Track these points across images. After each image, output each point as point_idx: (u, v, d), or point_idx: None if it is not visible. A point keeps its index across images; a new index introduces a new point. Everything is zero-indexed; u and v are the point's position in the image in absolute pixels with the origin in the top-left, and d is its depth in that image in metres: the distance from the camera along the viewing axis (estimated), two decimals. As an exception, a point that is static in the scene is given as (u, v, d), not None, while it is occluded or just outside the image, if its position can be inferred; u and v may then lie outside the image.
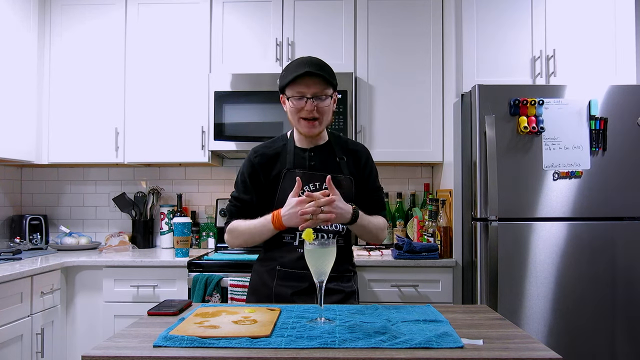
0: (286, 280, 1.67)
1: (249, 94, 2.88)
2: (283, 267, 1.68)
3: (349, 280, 1.75)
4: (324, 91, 1.60)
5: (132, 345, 1.13)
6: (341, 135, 1.85)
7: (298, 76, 1.56)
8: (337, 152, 1.72)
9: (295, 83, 1.59)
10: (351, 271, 1.78)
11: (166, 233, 3.11)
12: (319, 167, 1.69)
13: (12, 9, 2.76)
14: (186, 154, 2.96)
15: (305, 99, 1.59)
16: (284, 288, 1.67)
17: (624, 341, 2.39)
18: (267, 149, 1.73)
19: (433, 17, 2.95)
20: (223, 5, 2.99)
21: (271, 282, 1.69)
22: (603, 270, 2.40)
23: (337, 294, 1.68)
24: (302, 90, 1.59)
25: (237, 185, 1.75)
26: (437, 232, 2.71)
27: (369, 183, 1.76)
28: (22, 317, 2.30)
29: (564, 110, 2.43)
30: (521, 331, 1.26)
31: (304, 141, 1.72)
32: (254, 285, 1.78)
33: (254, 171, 1.70)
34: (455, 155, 2.65)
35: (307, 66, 1.58)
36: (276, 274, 1.68)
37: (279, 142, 1.75)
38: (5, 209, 3.21)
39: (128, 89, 2.99)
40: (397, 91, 2.95)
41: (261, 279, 1.73)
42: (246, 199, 1.72)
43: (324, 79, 1.59)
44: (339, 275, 1.70)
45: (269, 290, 1.68)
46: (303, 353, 1.07)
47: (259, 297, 1.71)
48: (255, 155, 1.72)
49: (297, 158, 1.69)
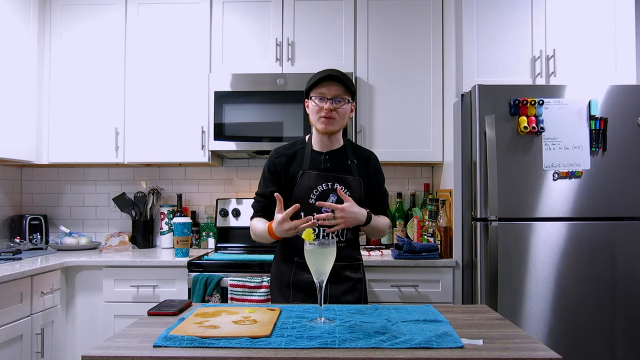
0: (304, 269, 1.76)
1: (249, 94, 2.89)
2: (300, 259, 1.81)
3: (358, 269, 1.93)
4: (342, 95, 1.81)
5: (132, 345, 1.13)
6: (354, 142, 2.07)
7: (321, 79, 1.79)
8: (349, 155, 1.92)
9: (319, 86, 1.81)
10: (359, 260, 1.96)
11: (166, 233, 3.11)
12: (332, 169, 1.87)
13: (12, 9, 2.75)
14: (186, 154, 2.96)
15: (326, 100, 1.79)
16: (301, 277, 1.84)
17: (624, 341, 2.39)
18: (287, 150, 1.92)
19: (433, 17, 2.95)
20: (223, 5, 2.99)
21: (289, 272, 1.88)
22: (603, 270, 2.40)
23: (347, 282, 1.87)
24: (324, 92, 1.80)
25: (259, 183, 1.94)
26: (437, 232, 2.71)
27: (376, 188, 1.96)
28: (22, 317, 2.30)
29: (564, 110, 2.43)
30: (521, 331, 1.27)
31: (321, 145, 1.90)
32: (274, 273, 1.98)
33: (275, 168, 1.90)
34: (455, 155, 2.65)
35: (329, 72, 1.80)
36: (294, 265, 1.87)
37: (298, 145, 1.94)
38: (5, 209, 3.21)
39: (128, 89, 2.99)
40: (397, 91, 2.95)
41: (280, 270, 1.93)
42: (267, 193, 1.88)
43: (343, 85, 1.80)
44: (349, 264, 1.89)
45: (288, 279, 1.88)
46: (303, 353, 1.07)
47: (280, 285, 1.91)
48: (277, 156, 1.91)
49: (314, 160, 1.88)
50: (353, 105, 1.87)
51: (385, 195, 2.02)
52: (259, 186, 1.94)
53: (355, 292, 1.89)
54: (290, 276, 1.87)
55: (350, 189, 1.85)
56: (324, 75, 1.79)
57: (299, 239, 1.78)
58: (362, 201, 1.88)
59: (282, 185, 1.88)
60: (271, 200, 1.82)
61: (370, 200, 1.93)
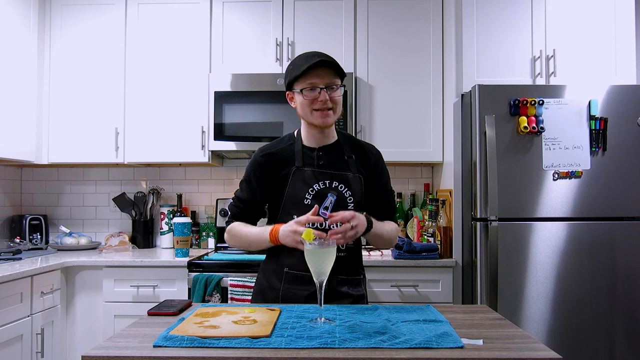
0: (294, 283, 1.63)
1: (249, 94, 2.88)
2: (291, 269, 1.64)
3: (359, 285, 1.71)
4: (335, 81, 1.58)
5: (132, 345, 1.13)
6: (352, 136, 1.82)
7: (311, 67, 1.53)
8: (345, 150, 1.69)
9: (307, 75, 1.55)
10: (361, 274, 1.73)
11: (166, 233, 3.11)
12: (327, 166, 1.65)
13: (12, 9, 2.75)
14: (186, 154, 2.96)
15: (319, 90, 1.56)
16: (292, 291, 1.63)
17: (623, 341, 2.39)
18: (274, 148, 1.70)
19: (433, 17, 2.95)
20: (223, 5, 2.99)
21: (278, 285, 1.65)
22: (603, 270, 2.40)
23: (347, 298, 1.65)
24: (315, 81, 1.56)
25: (241, 185, 1.73)
26: (437, 232, 2.71)
27: (379, 185, 1.72)
28: (22, 317, 2.30)
29: (564, 110, 2.43)
30: (521, 331, 1.26)
31: (313, 140, 1.68)
32: (260, 285, 1.73)
33: (261, 170, 1.67)
34: (455, 155, 2.65)
35: (317, 57, 1.55)
36: (283, 276, 1.65)
37: (286, 142, 1.71)
38: (5, 209, 3.20)
39: (128, 89, 2.99)
40: (397, 91, 2.95)
41: (268, 281, 1.69)
42: (248, 200, 1.69)
43: (334, 69, 1.57)
44: (348, 279, 1.67)
45: (276, 293, 1.65)
46: (303, 353, 1.07)
47: (266, 299, 1.67)
48: (262, 155, 1.69)
49: (306, 157, 1.66)
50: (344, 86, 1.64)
51: (391, 195, 1.76)
52: (241, 189, 1.71)
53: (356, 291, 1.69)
54: (280, 291, 1.64)
55: (350, 188, 1.63)
56: (315, 62, 1.53)
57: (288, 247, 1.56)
58: (363, 203, 1.67)
59: (268, 190, 1.67)
60: (250, 207, 1.69)
61: (373, 201, 1.70)
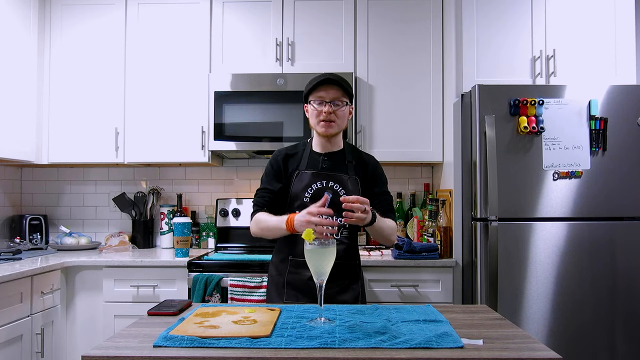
0: (298, 268, 1.85)
1: (249, 94, 2.88)
2: (295, 257, 1.86)
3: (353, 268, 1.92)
4: (341, 98, 1.83)
5: (132, 345, 1.13)
6: (356, 147, 2.08)
7: (319, 83, 1.82)
8: (347, 156, 1.94)
9: (317, 90, 1.83)
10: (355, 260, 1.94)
11: (166, 233, 3.11)
12: (329, 169, 1.90)
13: (12, 9, 2.75)
14: (186, 154, 2.96)
15: (325, 103, 1.82)
16: (295, 276, 1.86)
17: (624, 341, 2.39)
18: (289, 151, 1.96)
19: (433, 17, 2.95)
20: (223, 5, 2.99)
21: (284, 271, 1.89)
22: (603, 270, 2.40)
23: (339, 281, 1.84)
24: (322, 95, 1.82)
25: (262, 180, 1.96)
26: (437, 232, 2.71)
27: (375, 187, 1.93)
28: (22, 317, 2.30)
29: (564, 110, 2.43)
30: (521, 331, 1.27)
31: (320, 147, 1.93)
32: (271, 275, 1.97)
33: (277, 165, 1.93)
34: (455, 155, 2.65)
35: (327, 75, 1.83)
36: (289, 263, 1.88)
37: (300, 147, 1.98)
38: (5, 209, 3.20)
39: (128, 89, 2.99)
40: (397, 91, 2.95)
41: (277, 269, 1.94)
42: (271, 188, 1.91)
43: (341, 88, 1.82)
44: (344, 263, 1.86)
45: (283, 279, 1.88)
46: (303, 353, 1.07)
47: (276, 285, 1.91)
48: (279, 155, 1.95)
49: (312, 161, 1.91)
50: (351, 107, 1.90)
51: (387, 195, 1.96)
52: (262, 182, 1.95)
53: (350, 291, 1.88)
54: (285, 275, 1.88)
55: (345, 187, 1.85)
56: (322, 79, 1.81)
57: (294, 238, 1.80)
58: None
59: (280, 184, 1.91)
60: (276, 195, 1.89)
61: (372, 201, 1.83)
